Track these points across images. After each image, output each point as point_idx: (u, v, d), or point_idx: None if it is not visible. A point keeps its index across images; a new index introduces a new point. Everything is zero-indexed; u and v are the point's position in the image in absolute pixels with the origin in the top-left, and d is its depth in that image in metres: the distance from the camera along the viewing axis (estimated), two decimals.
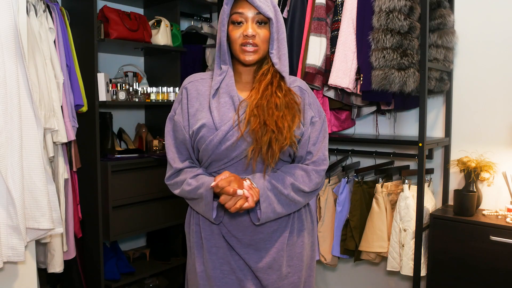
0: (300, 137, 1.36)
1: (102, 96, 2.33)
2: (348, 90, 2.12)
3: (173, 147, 1.41)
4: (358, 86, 2.11)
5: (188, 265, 1.49)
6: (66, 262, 2.26)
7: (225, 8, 1.33)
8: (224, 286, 1.37)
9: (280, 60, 1.36)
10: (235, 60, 1.40)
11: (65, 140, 2.13)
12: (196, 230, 1.42)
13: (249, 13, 1.32)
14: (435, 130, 2.35)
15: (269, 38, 1.35)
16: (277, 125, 1.29)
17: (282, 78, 1.37)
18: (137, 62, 2.95)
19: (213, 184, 1.26)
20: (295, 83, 1.43)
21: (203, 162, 1.40)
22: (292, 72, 2.27)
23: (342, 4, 2.15)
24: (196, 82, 1.42)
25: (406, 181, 2.14)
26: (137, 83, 2.62)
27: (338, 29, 2.14)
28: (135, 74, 2.73)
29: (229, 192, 1.23)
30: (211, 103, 1.35)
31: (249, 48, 1.32)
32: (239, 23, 1.33)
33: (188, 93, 1.40)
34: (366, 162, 2.50)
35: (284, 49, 1.36)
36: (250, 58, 1.33)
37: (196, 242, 1.42)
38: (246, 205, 1.26)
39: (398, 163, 2.37)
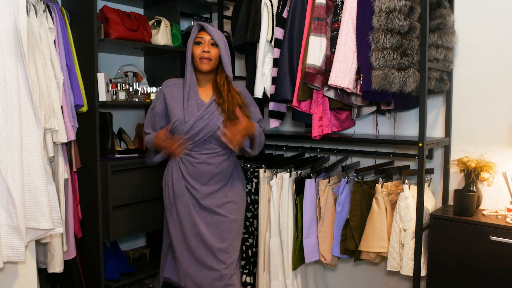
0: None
1: (102, 96, 2.33)
2: (348, 90, 2.12)
3: (149, 121, 2.21)
4: (358, 86, 2.11)
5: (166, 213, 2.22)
6: (66, 262, 2.26)
7: (192, 35, 2.11)
8: (186, 220, 2.12)
9: (229, 71, 2.13)
10: (197, 72, 2.14)
11: (65, 140, 2.13)
12: (170, 186, 2.17)
13: (207, 38, 2.10)
14: (435, 130, 2.36)
15: (219, 55, 2.11)
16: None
17: (229, 83, 2.15)
18: (137, 62, 2.95)
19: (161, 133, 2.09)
20: (238, 87, 2.20)
21: None
22: (292, 72, 2.28)
23: (342, 4, 2.15)
24: (171, 87, 2.17)
25: (406, 181, 2.14)
26: (137, 83, 2.62)
27: (338, 29, 2.14)
28: (135, 74, 2.73)
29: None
30: (184, 104, 2.09)
31: (205, 60, 2.08)
32: (200, 43, 2.10)
33: (166, 96, 2.15)
34: (366, 162, 2.50)
35: (230, 64, 2.15)
36: (205, 67, 2.09)
37: (169, 193, 2.18)
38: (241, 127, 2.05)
39: (398, 163, 2.37)
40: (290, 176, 2.39)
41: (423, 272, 2.05)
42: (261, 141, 2.17)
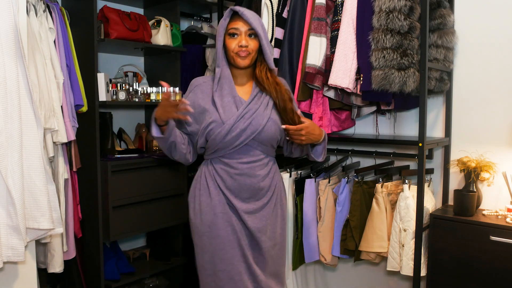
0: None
1: (102, 96, 2.33)
2: (348, 90, 2.12)
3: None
4: (358, 86, 2.11)
5: (198, 231, 1.80)
6: (66, 262, 2.26)
7: (223, 23, 1.72)
8: (228, 242, 1.73)
9: (271, 64, 1.79)
10: (231, 65, 1.77)
11: (65, 140, 2.13)
12: (205, 201, 1.77)
13: (243, 28, 1.70)
14: (435, 130, 2.36)
15: (258, 47, 1.73)
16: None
17: (274, 76, 1.81)
18: (137, 62, 2.95)
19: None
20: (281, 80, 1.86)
21: (210, 149, 1.76)
22: (292, 72, 2.28)
23: (342, 4, 2.15)
24: (200, 86, 1.81)
25: (406, 181, 2.14)
26: (137, 83, 2.62)
27: (338, 29, 2.14)
28: (135, 74, 2.73)
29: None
30: (216, 103, 1.73)
31: (243, 54, 1.70)
32: (235, 34, 1.71)
33: (197, 96, 1.78)
34: (366, 162, 2.50)
35: (272, 55, 1.81)
36: (243, 62, 1.73)
37: (204, 211, 1.77)
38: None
39: (398, 163, 2.37)
40: (290, 176, 2.39)
41: (423, 272, 2.05)
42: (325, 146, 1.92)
